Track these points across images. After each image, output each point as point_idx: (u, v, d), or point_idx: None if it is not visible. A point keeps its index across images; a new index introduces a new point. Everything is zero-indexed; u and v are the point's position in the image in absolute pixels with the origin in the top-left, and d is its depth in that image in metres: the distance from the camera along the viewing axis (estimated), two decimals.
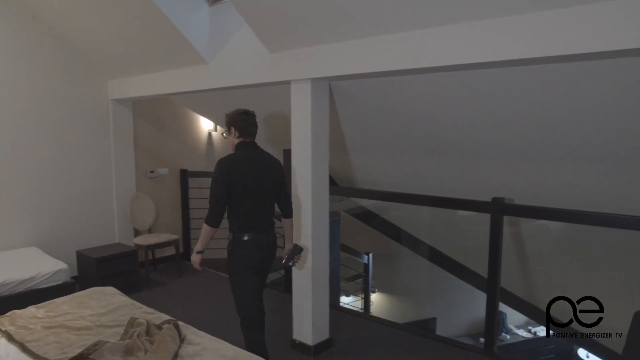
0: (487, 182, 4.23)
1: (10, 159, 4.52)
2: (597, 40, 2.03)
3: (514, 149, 3.65)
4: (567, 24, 2.10)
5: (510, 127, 3.37)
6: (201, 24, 3.82)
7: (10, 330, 2.69)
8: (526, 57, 2.25)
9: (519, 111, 3.12)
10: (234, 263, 2.83)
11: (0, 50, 4.39)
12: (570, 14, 2.08)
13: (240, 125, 2.90)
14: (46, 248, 4.64)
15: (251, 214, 2.80)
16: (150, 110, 5.70)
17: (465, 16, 2.38)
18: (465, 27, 2.42)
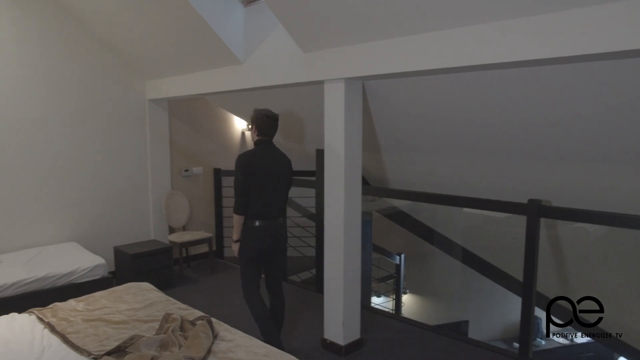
0: (523, 183, 4.13)
1: (55, 158, 4.69)
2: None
3: (552, 149, 3.55)
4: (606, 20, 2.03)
5: (547, 127, 3.28)
6: (236, 25, 3.87)
7: (52, 321, 2.79)
8: (561, 55, 2.19)
9: (556, 111, 3.04)
10: (245, 247, 3.17)
11: (48, 53, 4.56)
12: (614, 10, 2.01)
13: (261, 125, 3.20)
14: (85, 243, 4.79)
15: (264, 203, 3.13)
16: (185, 110, 5.80)
17: (498, 15, 2.34)
18: (498, 25, 2.37)
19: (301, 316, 4.17)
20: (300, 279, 5.94)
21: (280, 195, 3.23)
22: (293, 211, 5.95)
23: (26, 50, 4.44)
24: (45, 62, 4.56)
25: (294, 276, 5.80)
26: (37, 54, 4.50)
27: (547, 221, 4.12)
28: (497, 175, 4.32)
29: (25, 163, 4.51)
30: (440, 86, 3.18)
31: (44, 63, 4.55)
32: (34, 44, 4.48)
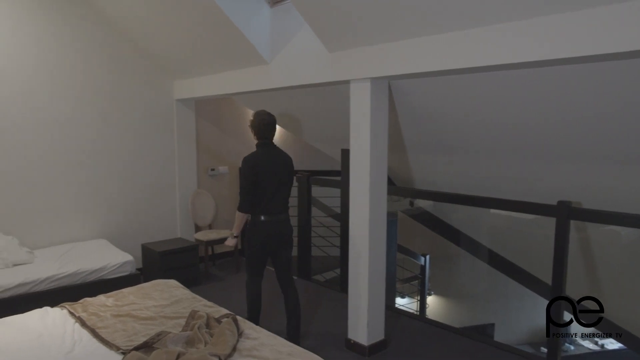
0: (552, 184, 4.05)
1: (86, 157, 4.82)
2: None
3: (582, 150, 3.47)
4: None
5: (577, 127, 3.20)
6: (262, 26, 3.89)
7: (83, 316, 2.86)
8: (590, 54, 2.14)
9: (587, 110, 2.96)
10: (251, 240, 3.39)
11: (82, 54, 4.69)
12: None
13: (257, 129, 3.39)
14: (114, 241, 4.90)
15: (268, 200, 3.33)
16: (212, 109, 5.87)
17: (528, 13, 2.29)
18: (527, 23, 2.33)
19: (325, 316, 4.18)
20: (325, 278, 5.95)
21: (283, 192, 3.42)
22: (318, 210, 5.96)
23: (61, 51, 4.56)
24: (78, 63, 4.68)
25: (319, 275, 5.81)
26: (71, 54, 4.63)
27: (577, 223, 4.03)
28: (525, 176, 4.24)
29: (59, 162, 4.64)
30: (467, 86, 3.14)
31: (77, 64, 4.68)
32: (69, 46, 4.61)
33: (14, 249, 4.04)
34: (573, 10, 2.17)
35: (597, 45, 2.13)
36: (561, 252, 3.20)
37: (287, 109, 5.18)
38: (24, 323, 2.80)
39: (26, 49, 4.36)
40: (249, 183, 3.26)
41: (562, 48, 2.24)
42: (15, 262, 3.95)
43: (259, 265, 3.46)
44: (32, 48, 4.39)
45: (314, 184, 5.13)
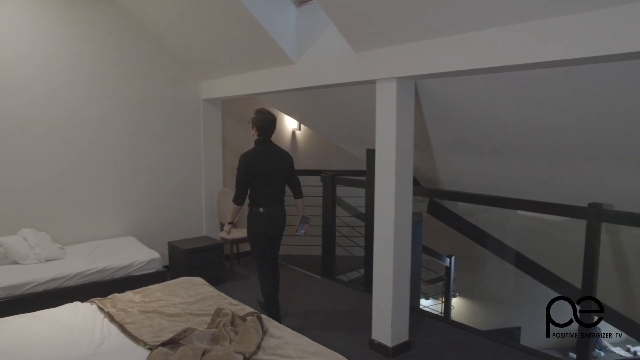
0: (584, 185, 3.95)
1: (116, 156, 4.92)
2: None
3: (614, 151, 3.38)
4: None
5: (608, 127, 3.12)
6: (289, 26, 3.91)
7: (111, 311, 2.92)
8: (620, 52, 2.08)
9: (619, 109, 2.88)
10: (252, 230, 3.74)
11: (112, 55, 4.80)
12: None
13: (259, 126, 3.69)
14: (142, 238, 4.99)
15: (266, 193, 3.67)
16: (237, 109, 5.93)
17: (556, 11, 2.24)
18: (559, 21, 2.28)
19: (348, 316, 4.17)
20: (349, 278, 5.94)
21: (278, 186, 3.76)
22: (342, 210, 5.95)
23: (94, 54, 4.69)
24: (110, 66, 4.80)
25: (342, 275, 5.80)
26: (104, 57, 4.75)
27: (609, 226, 3.93)
28: (554, 177, 4.16)
29: (90, 162, 4.76)
30: (495, 85, 3.09)
31: (109, 66, 4.79)
32: (102, 48, 4.72)
33: (47, 245, 4.16)
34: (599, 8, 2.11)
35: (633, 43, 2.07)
36: (592, 255, 3.12)
37: (313, 109, 5.19)
38: (56, 317, 2.87)
39: (63, 50, 4.49)
40: (244, 178, 3.61)
41: (592, 46, 2.19)
42: (48, 258, 4.06)
43: (263, 253, 3.79)
44: (69, 49, 4.52)
45: (338, 183, 5.13)
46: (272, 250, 3.88)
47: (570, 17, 2.24)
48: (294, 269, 5.62)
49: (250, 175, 3.61)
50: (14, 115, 4.27)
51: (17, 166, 4.32)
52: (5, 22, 4.16)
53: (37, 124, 4.40)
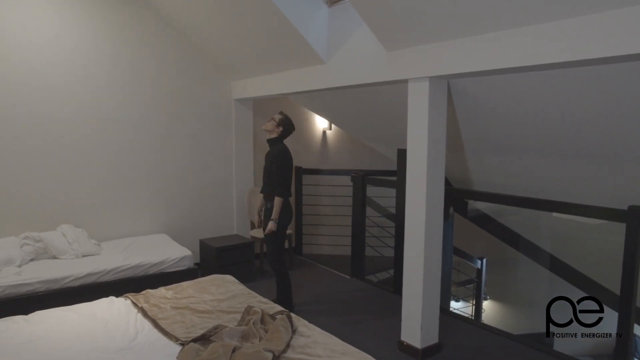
0: (624, 187, 3.82)
1: (150, 155, 5.03)
2: None
3: None
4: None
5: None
6: (320, 25, 3.91)
7: (145, 307, 2.99)
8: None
9: None
10: (284, 221, 3.99)
11: (146, 57, 4.91)
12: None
13: (288, 129, 4.05)
14: (174, 235, 5.08)
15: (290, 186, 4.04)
16: (269, 108, 5.96)
17: (591, 7, 2.17)
18: (591, 18, 2.21)
19: (378, 316, 4.15)
20: (378, 278, 5.90)
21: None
22: (372, 211, 5.93)
23: (132, 56, 4.81)
24: (147, 67, 4.92)
25: (372, 276, 5.78)
26: (139, 58, 4.86)
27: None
28: (591, 178, 4.04)
29: (125, 160, 4.88)
30: (529, 84, 3.03)
31: (146, 68, 4.91)
32: (135, 49, 4.84)
33: (84, 241, 4.28)
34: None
35: None
36: (631, 259, 3.02)
37: (344, 108, 5.18)
38: (92, 311, 2.96)
39: (101, 53, 4.63)
40: (290, 173, 3.99)
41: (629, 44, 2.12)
42: (85, 253, 4.19)
43: (284, 249, 4.30)
44: (107, 52, 4.66)
45: (368, 183, 5.10)
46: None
47: (608, 13, 2.17)
48: (323, 269, 5.62)
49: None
50: (56, 116, 4.42)
51: (58, 165, 4.48)
52: (46, 25, 4.31)
53: (76, 124, 4.54)
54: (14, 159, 4.26)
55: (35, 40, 4.27)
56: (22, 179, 4.32)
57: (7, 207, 4.26)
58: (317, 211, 6.34)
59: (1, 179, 4.21)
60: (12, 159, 4.26)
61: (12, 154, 4.25)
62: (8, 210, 4.27)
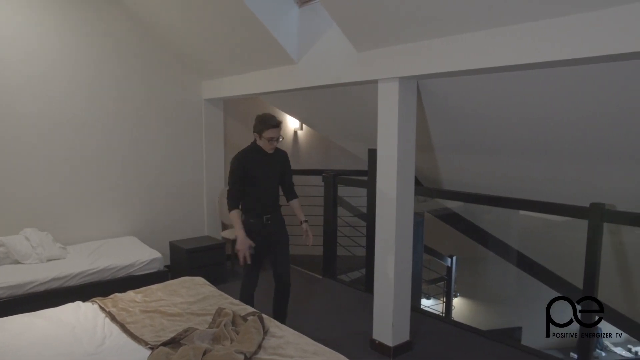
0: (585, 185, 3.95)
1: (116, 156, 4.93)
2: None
3: (617, 149, 3.37)
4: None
5: (611, 126, 3.12)
6: (290, 25, 3.91)
7: (113, 311, 2.92)
8: (622, 52, 2.08)
9: (621, 109, 2.88)
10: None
11: (114, 55, 4.81)
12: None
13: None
14: (143, 238, 4.98)
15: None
16: (239, 109, 5.93)
17: (561, 10, 2.24)
18: (560, 21, 2.27)
19: (350, 315, 4.17)
20: (350, 278, 5.94)
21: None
22: (344, 210, 5.95)
23: (95, 53, 4.69)
24: (112, 65, 4.80)
25: (344, 275, 5.80)
26: (106, 56, 4.75)
27: (611, 226, 3.92)
28: (557, 177, 4.15)
29: (91, 161, 4.76)
30: (496, 85, 3.09)
31: (110, 65, 4.80)
32: (103, 48, 4.73)
33: (48, 245, 4.16)
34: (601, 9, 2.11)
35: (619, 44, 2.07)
36: (593, 255, 3.12)
37: (315, 108, 5.19)
38: (58, 316, 2.87)
39: (65, 50, 4.50)
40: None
41: (592, 46, 2.19)
42: (50, 257, 4.07)
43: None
44: (71, 50, 4.53)
45: (340, 183, 5.12)
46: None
47: (570, 17, 2.23)
48: (295, 269, 5.61)
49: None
50: (17, 116, 4.28)
51: (20, 166, 4.33)
52: (7, 23, 4.17)
53: (39, 124, 4.41)
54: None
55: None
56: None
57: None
58: (289, 211, 6.31)
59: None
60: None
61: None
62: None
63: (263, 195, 3.43)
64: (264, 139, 3.33)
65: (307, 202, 6.14)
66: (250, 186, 3.37)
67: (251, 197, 3.40)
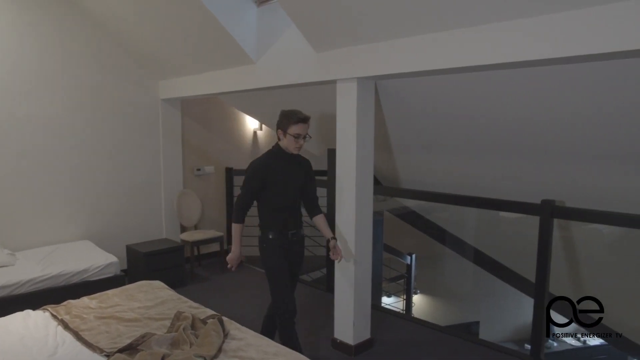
0: (537, 183, 4.09)
1: (69, 157, 4.75)
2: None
3: (565, 149, 3.51)
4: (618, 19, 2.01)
5: (560, 126, 3.25)
6: (249, 25, 3.88)
7: (65, 319, 2.82)
8: (577, 54, 2.17)
9: (572, 109, 3.00)
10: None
11: (65, 53, 4.62)
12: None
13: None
14: (98, 242, 4.83)
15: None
16: (198, 109, 5.84)
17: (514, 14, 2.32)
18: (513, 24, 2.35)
19: (311, 315, 4.18)
20: (311, 278, 5.95)
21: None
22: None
23: (44, 50, 4.50)
24: (62, 63, 4.62)
25: (305, 275, 5.81)
26: (54, 54, 4.56)
27: (561, 222, 4.09)
28: (511, 175, 4.28)
29: (41, 163, 4.57)
30: (453, 85, 3.16)
31: (61, 63, 4.61)
32: (52, 44, 4.54)
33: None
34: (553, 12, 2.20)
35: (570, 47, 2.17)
36: (545, 250, 3.24)
37: (274, 109, 5.15)
38: (5, 326, 2.75)
39: (8, 48, 4.29)
40: None
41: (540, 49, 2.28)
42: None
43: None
44: (14, 47, 4.32)
45: None
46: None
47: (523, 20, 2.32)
48: (256, 270, 5.58)
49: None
50: None
51: None
52: None
53: None
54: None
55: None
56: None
57: None
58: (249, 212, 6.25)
59: None
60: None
61: None
62: None
63: (287, 207, 2.96)
64: (289, 137, 2.87)
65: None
66: (272, 197, 2.91)
67: (272, 210, 2.93)
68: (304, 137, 2.88)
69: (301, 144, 2.91)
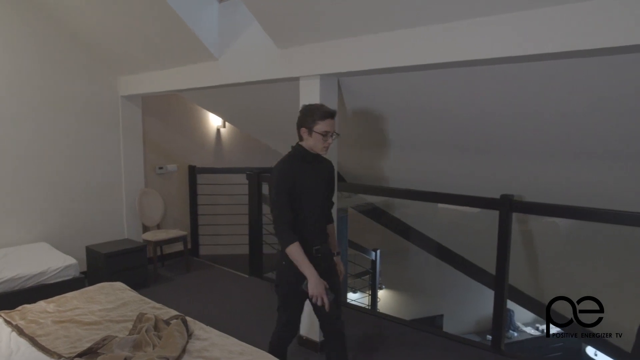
0: (497, 178, 4.20)
1: (21, 155, 4.56)
2: (610, 35, 2.02)
3: (524, 146, 3.62)
4: (572, 19, 2.08)
5: (519, 124, 3.34)
6: (211, 21, 3.82)
7: (20, 324, 2.72)
8: (541, 52, 2.24)
9: (529, 107, 3.09)
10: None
11: (13, 46, 4.43)
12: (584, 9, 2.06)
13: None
14: (56, 243, 4.67)
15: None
16: (159, 106, 5.72)
17: (474, 12, 2.37)
18: (476, 22, 2.40)
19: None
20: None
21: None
22: (268, 208, 5.92)
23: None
24: (13, 58, 4.43)
25: (270, 273, 5.78)
26: (5, 50, 4.37)
27: (520, 216, 4.20)
28: (471, 171, 4.38)
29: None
30: (414, 82, 3.20)
31: (12, 59, 4.42)
32: (1, 40, 4.35)
33: None
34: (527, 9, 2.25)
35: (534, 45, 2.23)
36: (504, 243, 3.33)
37: (237, 106, 5.11)
38: None
39: None
40: None
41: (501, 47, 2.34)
42: None
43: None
44: None
45: (264, 181, 5.09)
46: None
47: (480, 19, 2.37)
48: (222, 269, 5.53)
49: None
50: None
51: None
52: None
53: None
54: None
55: None
56: None
57: None
58: (214, 211, 6.20)
59: None
60: None
61: None
62: None
63: (311, 218, 2.56)
64: (316, 135, 2.43)
65: (231, 201, 6.07)
66: (297, 207, 2.51)
67: (296, 222, 2.52)
68: (331, 134, 2.47)
69: (330, 143, 2.48)
